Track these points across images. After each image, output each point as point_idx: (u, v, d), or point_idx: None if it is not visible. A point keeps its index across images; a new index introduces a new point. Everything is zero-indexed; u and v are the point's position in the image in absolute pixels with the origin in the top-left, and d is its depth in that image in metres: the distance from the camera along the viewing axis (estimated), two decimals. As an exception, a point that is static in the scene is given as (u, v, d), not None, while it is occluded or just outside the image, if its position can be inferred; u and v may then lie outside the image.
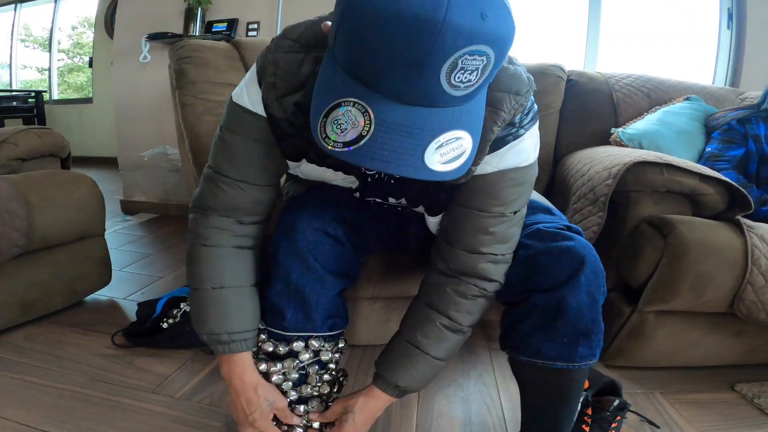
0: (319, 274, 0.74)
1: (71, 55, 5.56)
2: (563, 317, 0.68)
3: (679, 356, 1.22)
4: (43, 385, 1.08)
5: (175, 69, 1.51)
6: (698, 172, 1.13)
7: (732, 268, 1.06)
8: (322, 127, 0.48)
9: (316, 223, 0.74)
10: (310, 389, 0.80)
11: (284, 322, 0.75)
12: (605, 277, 0.71)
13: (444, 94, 0.46)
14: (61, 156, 1.51)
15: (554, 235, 0.71)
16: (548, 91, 1.67)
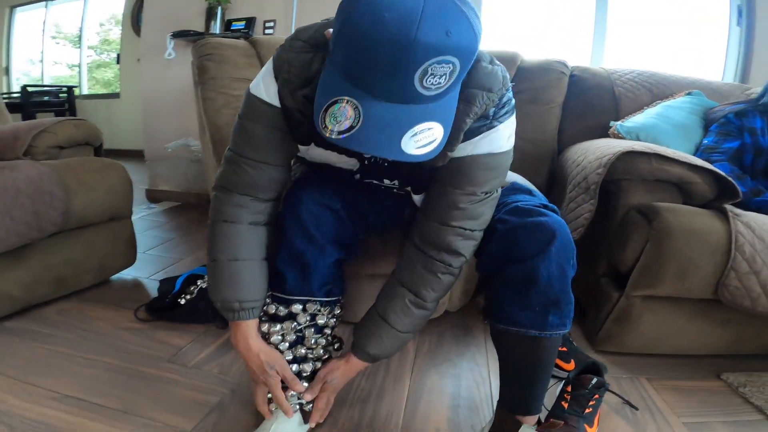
0: (319, 243, 0.85)
1: (99, 52, 5.75)
2: (535, 286, 0.75)
3: (666, 343, 1.25)
4: (71, 354, 1.18)
5: (198, 65, 1.62)
6: (686, 161, 1.17)
7: (715, 253, 1.09)
8: (322, 119, 0.60)
9: (319, 198, 0.86)
10: (304, 350, 0.89)
11: (285, 286, 0.86)
12: (575, 253, 0.78)
13: (418, 94, 0.57)
14: (95, 145, 1.64)
15: (530, 211, 0.79)
16: (551, 85, 1.72)
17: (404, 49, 0.52)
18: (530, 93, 1.72)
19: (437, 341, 1.34)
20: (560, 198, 1.39)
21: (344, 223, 0.89)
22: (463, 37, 0.55)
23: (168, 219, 2.55)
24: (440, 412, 1.03)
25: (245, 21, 2.49)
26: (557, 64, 1.75)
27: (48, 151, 1.49)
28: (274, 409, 0.91)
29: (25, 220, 1.24)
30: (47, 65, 5.70)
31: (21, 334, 1.27)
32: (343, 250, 0.90)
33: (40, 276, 1.36)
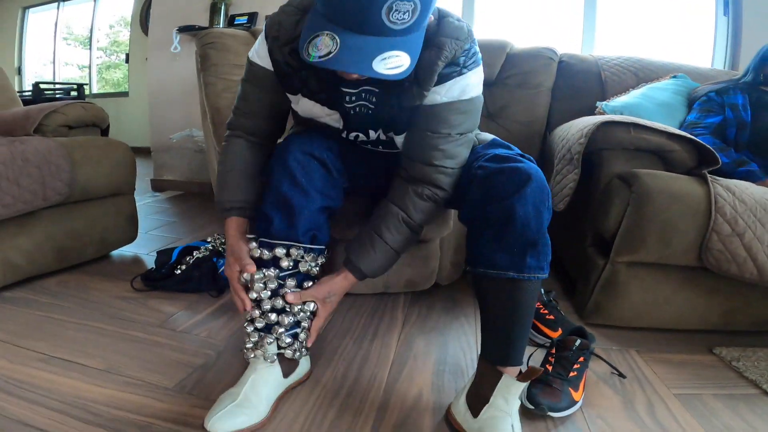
0: (304, 188, 0.89)
1: (108, 53, 5.93)
2: (512, 225, 0.77)
3: (655, 314, 1.25)
4: (64, 320, 1.22)
5: (200, 54, 1.72)
6: (664, 130, 1.21)
7: (695, 215, 1.10)
8: (306, 48, 0.70)
9: (305, 147, 0.91)
10: (281, 303, 0.90)
11: (271, 228, 0.89)
12: (550, 195, 0.82)
13: (387, 28, 0.68)
14: (102, 126, 1.73)
15: (508, 158, 0.84)
16: (539, 71, 1.79)
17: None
18: (519, 77, 1.79)
19: (426, 312, 1.36)
20: (549, 174, 1.41)
21: (330, 173, 0.93)
22: None
23: (171, 205, 2.63)
24: (424, 375, 1.04)
25: (248, 16, 2.60)
26: (546, 51, 1.82)
27: (57, 129, 1.57)
28: (252, 359, 0.91)
29: (31, 189, 1.30)
30: (58, 66, 5.86)
31: (19, 303, 1.31)
32: (328, 199, 0.94)
33: (42, 245, 1.41)
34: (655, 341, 1.25)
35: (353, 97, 0.91)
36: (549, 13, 2.66)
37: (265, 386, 0.89)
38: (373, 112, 0.92)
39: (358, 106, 0.92)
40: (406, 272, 1.37)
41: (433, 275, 1.41)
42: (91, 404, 0.89)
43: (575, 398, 0.93)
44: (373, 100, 0.91)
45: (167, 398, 0.92)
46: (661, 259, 1.16)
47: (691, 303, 1.23)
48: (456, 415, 0.86)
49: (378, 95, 0.90)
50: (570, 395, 0.92)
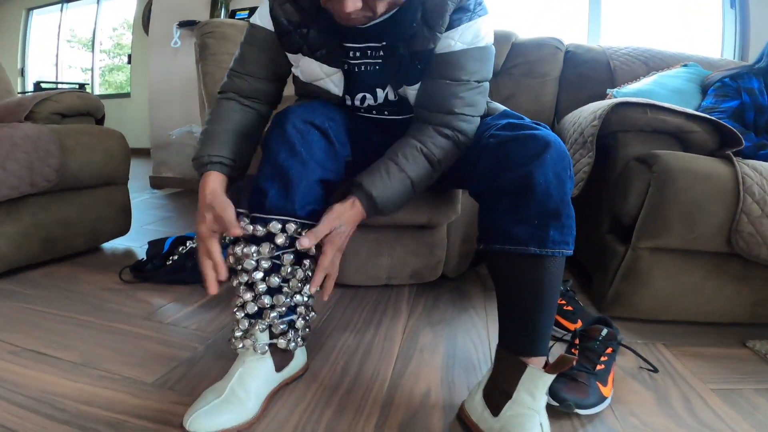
0: (303, 158, 0.81)
1: (112, 56, 5.97)
2: (532, 194, 0.69)
3: (681, 305, 1.17)
4: (46, 312, 1.15)
5: (200, 43, 1.69)
6: (683, 111, 1.15)
7: (722, 195, 1.04)
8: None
9: (306, 116, 0.84)
10: (278, 280, 0.80)
11: (265, 202, 0.79)
12: (572, 164, 0.74)
13: None
14: (97, 116, 1.68)
15: (522, 125, 0.77)
16: (546, 60, 1.75)
17: None
18: (525, 67, 1.74)
19: (433, 304, 1.28)
20: None
21: (331, 144, 0.85)
22: None
23: (168, 202, 2.59)
24: (432, 371, 0.96)
25: (249, 10, 2.59)
26: (552, 41, 1.78)
27: (50, 117, 1.52)
28: (240, 350, 0.82)
29: (18, 174, 1.24)
30: (62, 68, 5.87)
31: (1, 294, 1.24)
32: (328, 172, 0.86)
33: (30, 233, 1.35)
34: (683, 334, 1.17)
35: (358, 53, 0.88)
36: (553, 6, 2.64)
37: (255, 380, 0.80)
38: (380, 68, 0.89)
39: (363, 64, 0.89)
40: (410, 262, 1.30)
41: (440, 266, 1.34)
42: (59, 399, 0.81)
43: (604, 394, 0.84)
44: (380, 54, 0.88)
45: (145, 394, 0.84)
46: (686, 244, 1.08)
47: (720, 293, 1.15)
48: (471, 414, 0.77)
49: (385, 49, 0.87)
50: (598, 390, 0.84)
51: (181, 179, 2.90)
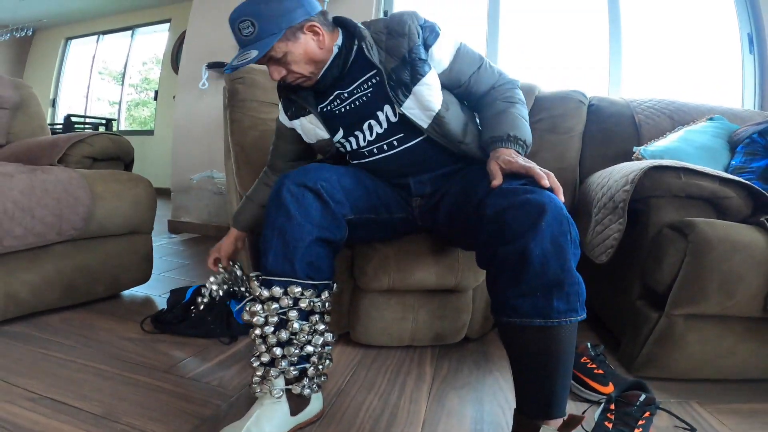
0: (299, 220, 0.89)
1: (139, 90, 6.15)
2: (530, 267, 0.70)
3: (716, 366, 1.15)
4: (63, 359, 1.14)
5: (229, 89, 1.69)
6: (717, 175, 1.13)
7: (759, 264, 1.03)
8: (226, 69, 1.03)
9: (299, 179, 0.91)
10: (286, 335, 0.88)
11: (267, 264, 0.88)
12: (573, 225, 0.73)
13: (242, 39, 0.97)
14: (126, 160, 1.71)
15: (515, 190, 0.78)
16: (570, 114, 1.72)
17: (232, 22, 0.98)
18: (549, 122, 1.72)
19: (456, 366, 1.24)
20: (585, 224, 1.35)
21: (326, 204, 0.93)
22: (249, 9, 0.95)
23: (186, 248, 2.57)
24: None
25: None
26: (575, 94, 1.76)
27: (82, 160, 1.55)
28: (258, 394, 0.89)
29: (46, 221, 1.25)
30: (91, 101, 6.06)
31: (18, 337, 1.24)
32: (326, 231, 0.92)
33: (51, 281, 1.35)
34: (718, 392, 1.15)
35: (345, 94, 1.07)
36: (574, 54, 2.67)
37: (270, 422, 0.85)
38: (371, 94, 1.04)
39: (353, 101, 1.06)
40: (435, 325, 1.27)
41: (464, 329, 1.30)
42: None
43: (643, 457, 0.81)
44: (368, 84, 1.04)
45: (168, 451, 0.82)
46: (723, 311, 1.07)
47: (757, 353, 1.14)
48: None
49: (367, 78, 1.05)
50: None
51: (200, 225, 2.89)
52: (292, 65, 1.00)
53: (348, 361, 1.23)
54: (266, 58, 0.99)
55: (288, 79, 1.03)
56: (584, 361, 1.13)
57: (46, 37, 6.06)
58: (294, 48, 0.98)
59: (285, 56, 0.98)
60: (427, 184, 1.11)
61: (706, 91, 2.53)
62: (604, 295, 1.49)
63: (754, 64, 2.37)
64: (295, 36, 0.98)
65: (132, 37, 5.70)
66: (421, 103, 1.00)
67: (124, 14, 5.55)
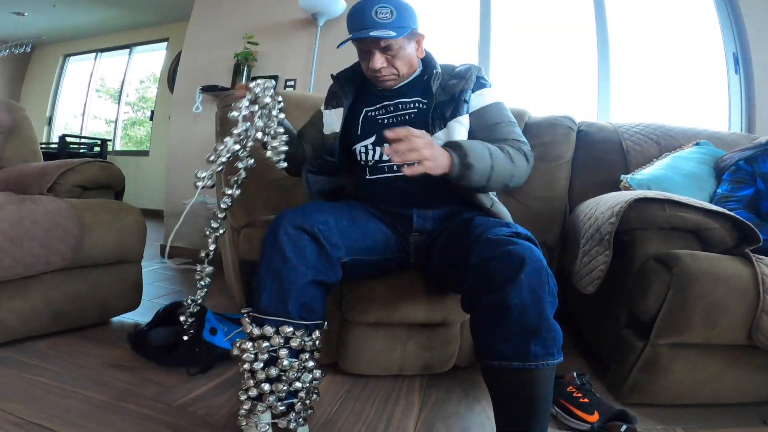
0: (294, 263, 0.89)
1: (135, 109, 6.12)
2: (510, 315, 0.76)
3: (701, 392, 1.17)
4: (51, 385, 1.14)
5: (220, 116, 1.67)
6: (701, 207, 1.15)
7: (743, 296, 1.05)
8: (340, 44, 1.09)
9: (297, 221, 0.92)
10: (275, 371, 0.89)
11: (260, 304, 0.89)
12: (551, 276, 0.79)
13: (375, 22, 1.05)
14: (116, 188, 1.71)
15: (500, 241, 0.83)
16: (559, 141, 1.73)
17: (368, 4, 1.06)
18: (539, 149, 1.71)
19: (445, 395, 1.24)
20: (574, 253, 1.36)
21: (322, 247, 0.93)
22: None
23: (178, 273, 2.55)
24: None
25: (269, 79, 2.65)
26: (564, 120, 1.77)
27: (71, 189, 1.55)
28: (245, 427, 0.90)
29: (34, 252, 1.25)
30: (87, 119, 6.05)
31: (5, 362, 1.23)
32: (321, 274, 0.93)
33: (39, 309, 1.34)
34: (704, 417, 1.17)
35: (391, 107, 1.17)
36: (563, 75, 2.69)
37: None
38: (413, 117, 1.14)
39: (395, 116, 1.17)
40: (424, 355, 1.27)
41: (452, 359, 1.30)
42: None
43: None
44: (413, 106, 1.16)
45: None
46: (707, 339, 1.09)
47: (742, 380, 1.16)
48: None
49: (418, 102, 1.16)
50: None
51: (192, 250, 2.84)
52: (396, 60, 1.11)
53: (336, 391, 1.22)
54: (382, 45, 1.08)
55: (383, 72, 1.11)
56: (570, 390, 1.15)
57: (45, 54, 6.10)
58: (407, 47, 1.12)
59: (398, 50, 1.10)
60: (429, 221, 1.14)
61: (694, 112, 2.54)
62: (593, 323, 1.50)
63: (740, 84, 2.37)
64: (411, 39, 1.13)
65: (130, 56, 5.73)
66: (450, 137, 1.09)
67: (122, 32, 5.61)
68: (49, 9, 4.94)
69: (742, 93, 2.36)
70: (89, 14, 5.13)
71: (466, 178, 0.96)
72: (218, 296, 2.08)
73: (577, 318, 1.67)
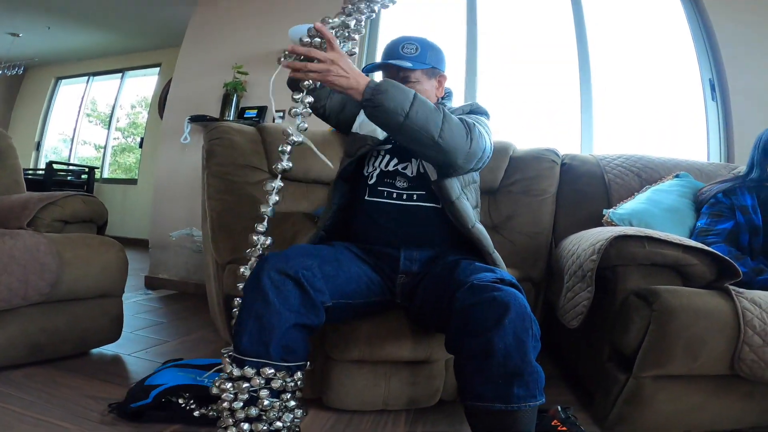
0: (277, 308, 0.88)
1: (126, 135, 6.06)
2: (492, 358, 0.78)
3: (686, 421, 1.17)
4: (23, 414, 1.12)
5: (207, 149, 1.68)
6: (680, 243, 1.17)
7: (723, 330, 1.06)
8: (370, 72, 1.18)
9: (280, 266, 0.91)
10: (255, 411, 0.88)
11: (241, 345, 0.88)
12: (534, 322, 0.81)
13: (399, 54, 1.18)
14: (98, 223, 1.69)
15: (484, 287, 0.85)
16: (543, 175, 1.76)
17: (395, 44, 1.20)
18: (523, 184, 1.75)
19: (432, 428, 1.22)
20: (558, 288, 1.38)
21: (305, 292, 0.93)
22: (421, 39, 1.21)
23: (162, 305, 2.49)
24: None
25: (257, 109, 2.68)
26: (548, 153, 1.81)
27: (52, 224, 1.54)
28: None
29: (11, 287, 1.24)
30: (77, 144, 5.98)
31: None
32: (304, 317, 0.92)
33: (16, 340, 1.33)
34: None
35: None
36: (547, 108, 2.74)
37: None
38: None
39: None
40: (408, 391, 1.25)
41: (437, 393, 1.29)
42: None
43: None
44: None
45: None
46: (689, 371, 1.10)
47: (726, 408, 1.16)
48: None
49: None
50: None
51: (177, 281, 2.80)
52: None
53: (321, 426, 1.20)
54: (400, 75, 1.17)
55: None
56: (555, 424, 1.13)
57: (37, 76, 6.09)
58: (424, 81, 1.20)
59: (414, 84, 1.17)
60: (416, 263, 1.15)
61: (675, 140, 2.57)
62: (578, 354, 1.50)
63: (717, 112, 2.37)
64: (431, 76, 1.22)
65: (122, 80, 5.74)
66: None
67: (115, 57, 5.64)
68: (44, 31, 4.96)
69: (719, 120, 2.36)
70: (83, 37, 5.17)
71: (377, 103, 0.94)
72: (201, 329, 2.05)
73: (562, 349, 1.67)
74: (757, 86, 2.29)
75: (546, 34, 2.80)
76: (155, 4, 4.27)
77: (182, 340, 1.87)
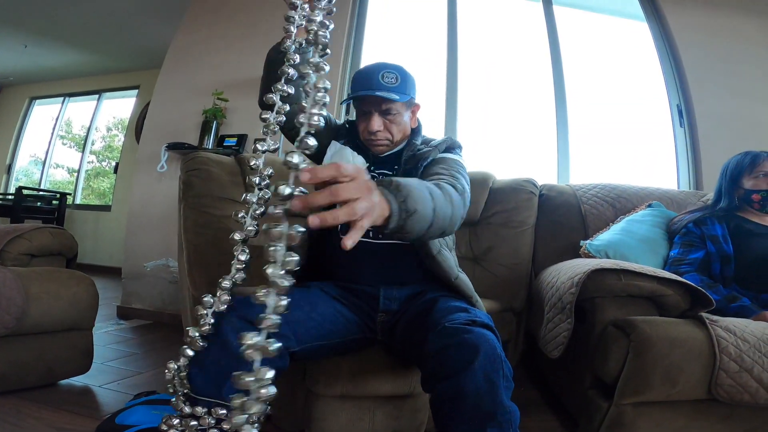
0: (236, 353, 0.81)
1: (100, 159, 5.89)
2: (465, 401, 0.77)
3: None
4: None
5: (184, 180, 1.62)
6: (655, 275, 1.20)
7: (699, 357, 1.08)
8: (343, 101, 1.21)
9: (245, 313, 0.88)
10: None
11: (194, 386, 0.86)
12: (505, 362, 0.81)
13: (381, 84, 1.12)
14: (68, 256, 1.64)
15: (456, 330, 0.85)
16: (522, 207, 1.79)
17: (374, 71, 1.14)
18: (503, 216, 1.78)
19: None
20: (539, 319, 1.40)
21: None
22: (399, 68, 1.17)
23: (135, 335, 2.39)
24: None
25: (237, 138, 2.60)
26: (526, 184, 1.85)
27: (19, 257, 1.49)
28: None
29: (-25, 322, 1.18)
30: (48, 167, 5.77)
31: None
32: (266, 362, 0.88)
33: (-21, 372, 1.26)
34: None
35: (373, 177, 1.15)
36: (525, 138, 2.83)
37: None
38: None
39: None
40: (392, 425, 1.23)
41: (422, 426, 1.26)
42: None
43: None
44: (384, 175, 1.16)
45: None
46: (668, 397, 1.12)
47: (707, 430, 1.16)
48: None
49: (394, 172, 1.19)
50: None
51: (151, 312, 2.67)
52: (392, 126, 1.16)
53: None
54: (383, 107, 1.14)
55: (378, 136, 1.15)
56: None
57: (11, 96, 5.92)
58: (404, 114, 1.18)
59: (396, 116, 1.15)
60: (395, 301, 1.14)
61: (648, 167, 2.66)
62: (562, 381, 1.52)
63: (685, 138, 2.44)
64: (408, 107, 1.20)
65: (99, 102, 5.61)
66: None
67: (92, 77, 5.54)
68: (20, 49, 4.87)
69: (687, 146, 2.43)
70: (60, 57, 5.08)
71: (406, 229, 0.76)
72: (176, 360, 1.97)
73: (546, 376, 1.69)
74: (722, 111, 2.38)
75: (523, 65, 2.92)
76: (135, 26, 4.26)
77: (156, 371, 1.79)
